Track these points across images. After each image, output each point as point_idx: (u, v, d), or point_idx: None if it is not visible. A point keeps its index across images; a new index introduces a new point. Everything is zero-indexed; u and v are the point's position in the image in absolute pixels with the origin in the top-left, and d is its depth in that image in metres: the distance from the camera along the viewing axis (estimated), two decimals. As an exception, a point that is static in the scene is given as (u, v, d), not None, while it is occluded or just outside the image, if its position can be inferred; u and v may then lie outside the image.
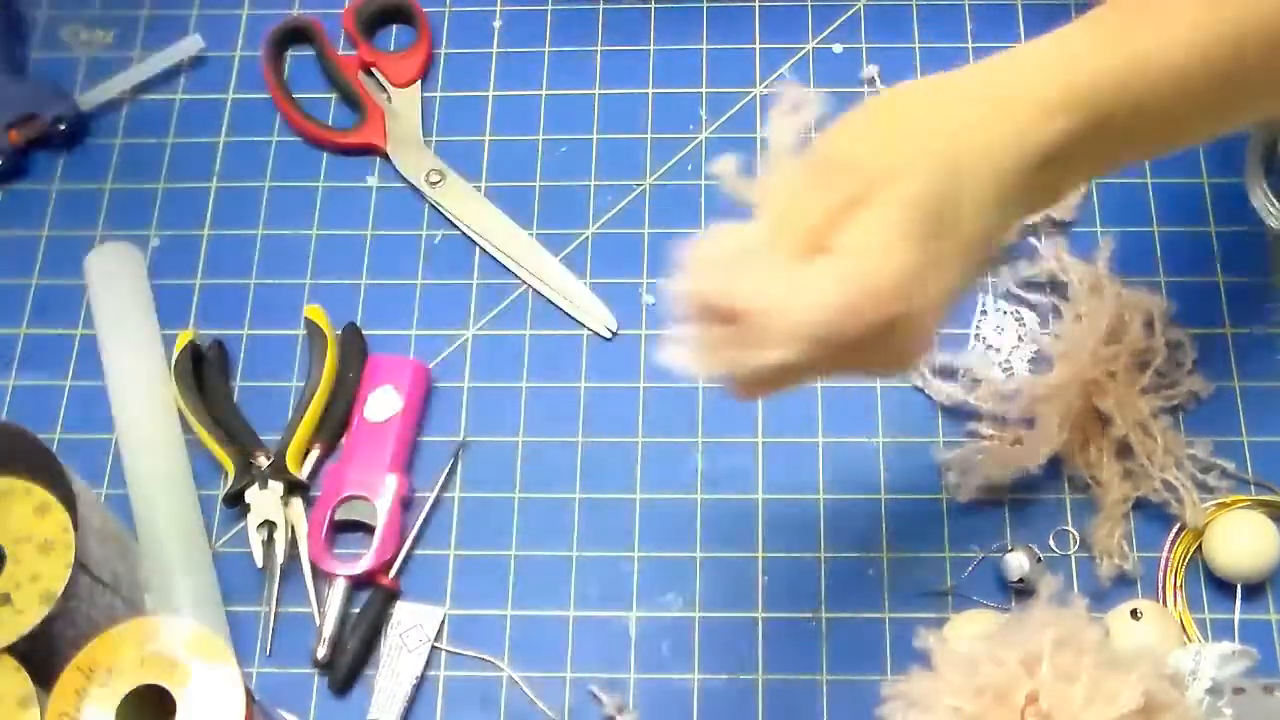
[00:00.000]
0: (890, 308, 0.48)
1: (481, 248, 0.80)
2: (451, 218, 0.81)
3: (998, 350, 0.74)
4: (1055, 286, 0.75)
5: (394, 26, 0.88)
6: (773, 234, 0.49)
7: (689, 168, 0.82)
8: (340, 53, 0.87)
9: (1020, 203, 0.53)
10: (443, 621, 0.71)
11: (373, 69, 0.86)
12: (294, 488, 0.73)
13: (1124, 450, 0.71)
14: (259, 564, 0.72)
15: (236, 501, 0.73)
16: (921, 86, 0.53)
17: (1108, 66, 0.52)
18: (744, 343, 0.48)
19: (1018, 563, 0.69)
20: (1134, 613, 0.66)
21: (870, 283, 0.47)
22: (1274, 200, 0.77)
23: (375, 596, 0.71)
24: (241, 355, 0.78)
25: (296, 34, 0.87)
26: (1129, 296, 0.73)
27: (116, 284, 0.78)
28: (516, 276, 0.79)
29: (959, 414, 0.73)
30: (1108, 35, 0.53)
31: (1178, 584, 0.69)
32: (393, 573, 0.71)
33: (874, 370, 0.53)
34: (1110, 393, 0.70)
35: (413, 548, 0.72)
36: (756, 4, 0.86)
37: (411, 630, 0.70)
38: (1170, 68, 0.53)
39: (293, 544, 0.72)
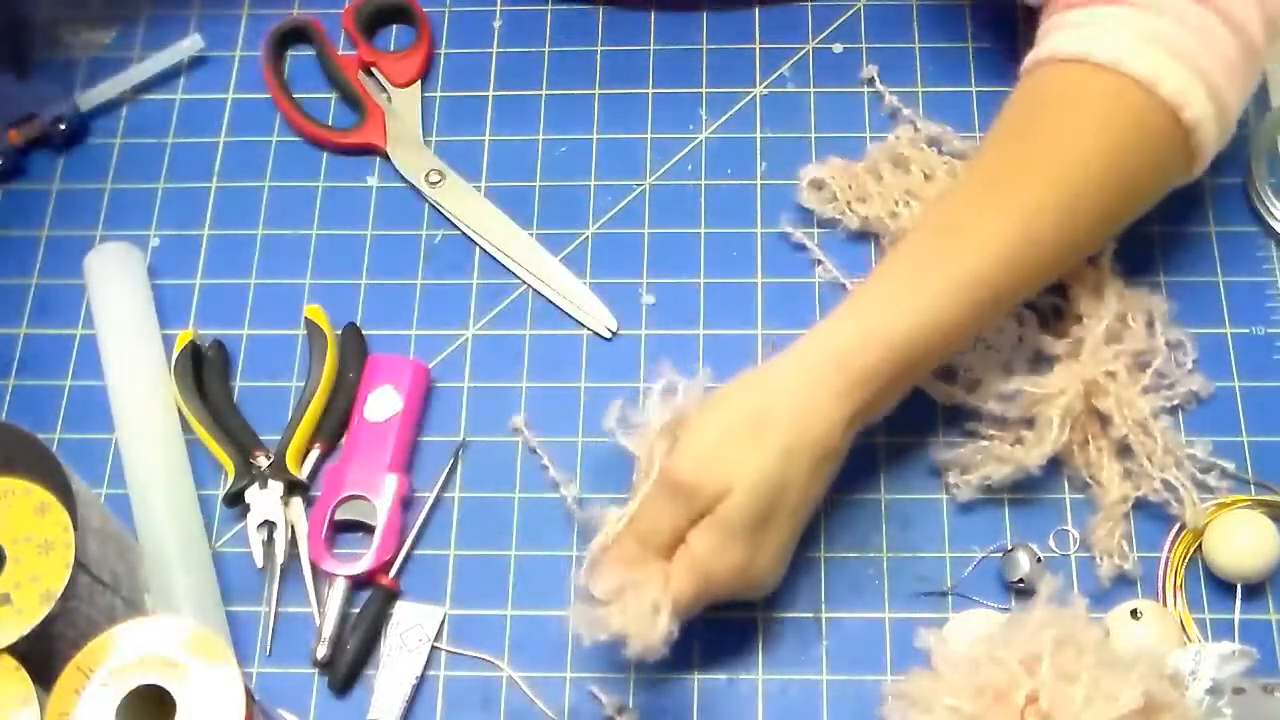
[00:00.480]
0: (731, 587, 0.65)
1: (481, 248, 0.80)
2: (451, 218, 0.81)
3: (998, 350, 0.73)
4: (1055, 286, 0.75)
5: (394, 26, 0.88)
6: (641, 546, 0.64)
7: (689, 168, 0.82)
8: (340, 53, 0.87)
9: (841, 450, 0.66)
10: (443, 621, 0.71)
11: (373, 69, 0.86)
12: (294, 488, 0.73)
13: (1124, 450, 0.71)
14: (259, 564, 0.72)
15: (236, 501, 0.73)
16: (745, 394, 0.65)
17: (890, 336, 0.64)
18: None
19: (1018, 563, 0.69)
20: (1134, 613, 0.66)
21: (712, 577, 0.64)
22: (1274, 200, 0.77)
23: (375, 596, 0.71)
24: (241, 355, 0.78)
25: (296, 34, 0.87)
26: (1130, 297, 0.73)
27: (116, 284, 0.78)
28: (516, 276, 0.79)
29: (959, 414, 0.73)
30: (885, 308, 0.65)
31: (1178, 584, 0.69)
32: (393, 573, 0.71)
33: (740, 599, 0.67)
34: (1110, 393, 0.70)
35: (413, 548, 0.72)
36: (756, 4, 0.86)
37: (411, 630, 0.70)
38: (944, 323, 0.65)
39: (293, 544, 0.72)
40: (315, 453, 0.75)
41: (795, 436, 0.63)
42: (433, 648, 0.70)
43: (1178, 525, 0.70)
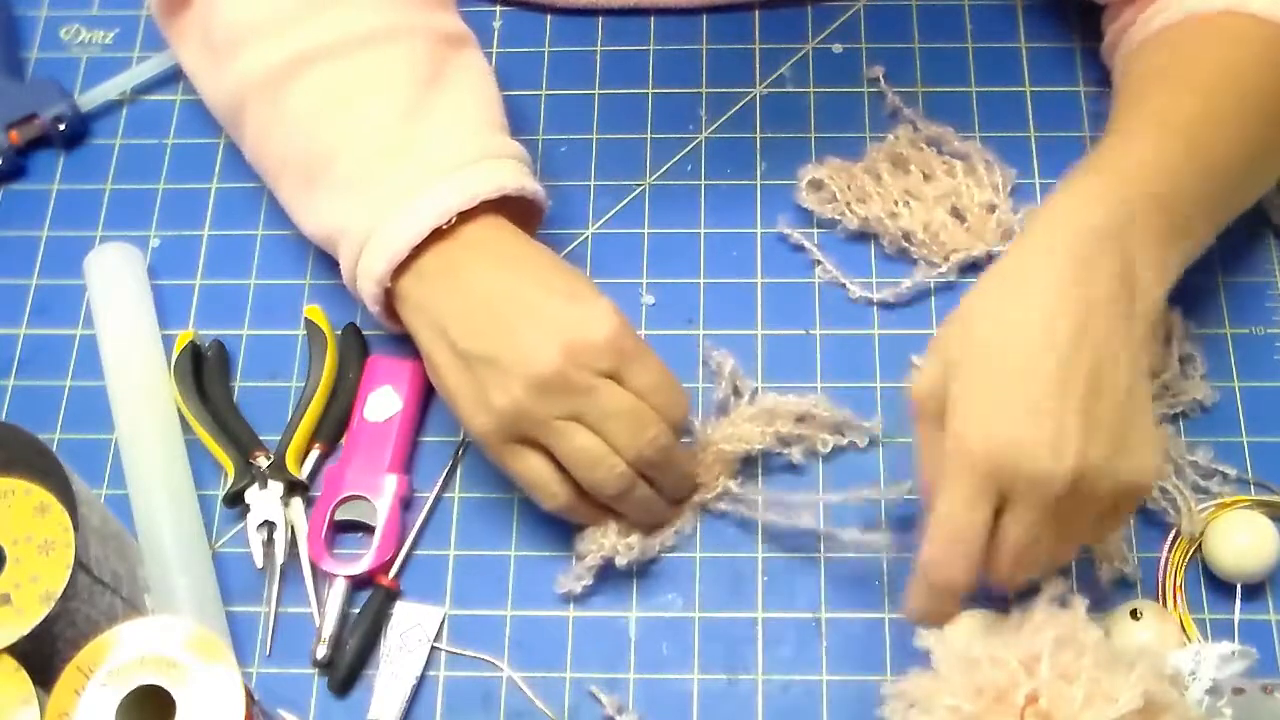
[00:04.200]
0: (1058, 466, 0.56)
1: (481, 248, 0.80)
2: (451, 218, 0.81)
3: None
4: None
5: (394, 26, 0.88)
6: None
7: (689, 168, 0.82)
8: (340, 53, 0.86)
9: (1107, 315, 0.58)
10: (442, 621, 0.71)
11: (373, 69, 0.86)
12: (294, 488, 0.73)
13: (1124, 452, 0.71)
14: (259, 564, 0.72)
15: (236, 501, 0.73)
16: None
17: (1142, 171, 0.62)
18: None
19: (1018, 563, 0.69)
20: (1134, 613, 0.66)
21: (988, 451, 0.57)
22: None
23: (375, 596, 0.71)
24: (241, 355, 0.78)
25: (296, 34, 0.87)
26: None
27: (116, 284, 0.78)
28: (516, 276, 0.79)
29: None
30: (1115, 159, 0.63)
31: (1177, 584, 0.69)
32: (393, 573, 0.71)
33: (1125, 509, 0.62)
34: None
35: (413, 548, 0.72)
36: (756, 3, 0.86)
37: (411, 630, 0.70)
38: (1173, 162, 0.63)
39: (293, 544, 0.72)
40: (315, 453, 0.75)
41: (1030, 296, 0.58)
42: (433, 648, 0.70)
43: (1177, 528, 0.70)
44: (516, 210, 0.71)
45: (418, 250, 0.67)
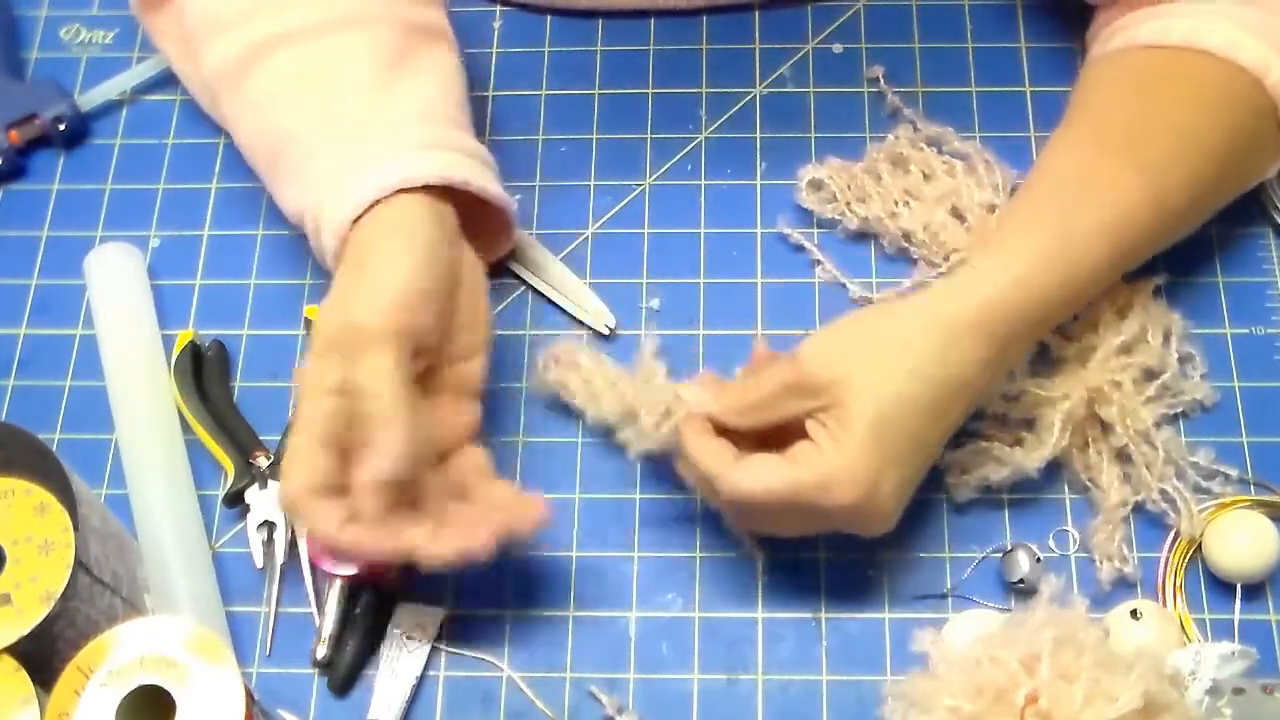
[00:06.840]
0: (850, 504, 0.62)
1: (481, 248, 0.80)
2: (451, 218, 0.81)
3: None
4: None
5: (394, 26, 0.88)
6: (739, 417, 0.66)
7: (689, 168, 0.82)
8: (340, 53, 0.86)
9: (976, 390, 0.65)
10: (443, 621, 0.71)
11: (373, 69, 0.86)
12: (294, 488, 0.73)
13: (1124, 454, 0.71)
14: (259, 564, 0.72)
15: (236, 501, 0.73)
16: (885, 316, 0.66)
17: (1041, 281, 0.65)
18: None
19: (1018, 563, 0.69)
20: (1134, 613, 0.66)
21: (826, 481, 0.62)
22: None
23: (375, 596, 0.71)
24: (241, 355, 0.78)
25: (296, 34, 0.87)
26: (1154, 313, 0.73)
27: (116, 284, 0.78)
28: (516, 276, 0.79)
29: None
30: (1033, 256, 0.65)
31: (1177, 584, 0.69)
32: (393, 573, 0.71)
33: (844, 530, 0.66)
34: (1114, 401, 0.70)
35: (413, 548, 0.72)
36: (756, 4, 0.86)
37: (412, 630, 0.70)
38: (1084, 271, 0.66)
39: (293, 544, 0.72)
40: (315, 453, 0.74)
41: (929, 364, 0.63)
42: (433, 648, 0.70)
43: (1177, 528, 0.70)
44: (486, 212, 0.71)
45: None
